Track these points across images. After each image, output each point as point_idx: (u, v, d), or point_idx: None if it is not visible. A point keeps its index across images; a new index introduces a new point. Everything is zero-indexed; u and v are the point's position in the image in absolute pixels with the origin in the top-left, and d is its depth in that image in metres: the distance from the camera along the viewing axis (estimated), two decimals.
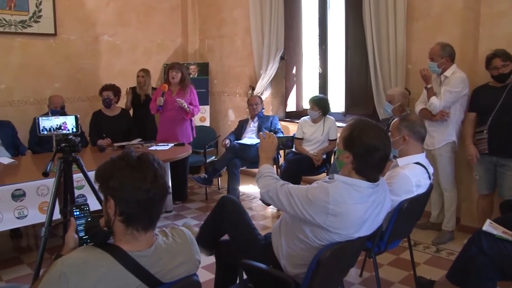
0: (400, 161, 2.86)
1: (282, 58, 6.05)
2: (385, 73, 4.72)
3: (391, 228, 2.69)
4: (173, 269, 1.60)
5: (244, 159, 5.13)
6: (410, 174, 2.71)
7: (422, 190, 2.77)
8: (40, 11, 5.75)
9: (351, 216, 2.04)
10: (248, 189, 5.83)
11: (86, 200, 3.67)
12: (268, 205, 5.00)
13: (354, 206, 2.04)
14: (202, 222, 2.84)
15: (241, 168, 5.18)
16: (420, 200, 2.83)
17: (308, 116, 5.09)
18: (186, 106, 5.00)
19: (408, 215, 2.76)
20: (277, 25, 5.88)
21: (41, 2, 5.74)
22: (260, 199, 5.11)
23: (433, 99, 3.83)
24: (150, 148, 4.70)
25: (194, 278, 1.69)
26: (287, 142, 2.75)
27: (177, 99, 5.00)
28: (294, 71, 6.27)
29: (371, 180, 2.10)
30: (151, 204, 1.53)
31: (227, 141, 5.34)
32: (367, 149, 2.04)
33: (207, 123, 6.76)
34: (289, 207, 2.14)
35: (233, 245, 2.65)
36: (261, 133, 2.58)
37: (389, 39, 4.63)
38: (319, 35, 5.78)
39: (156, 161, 1.57)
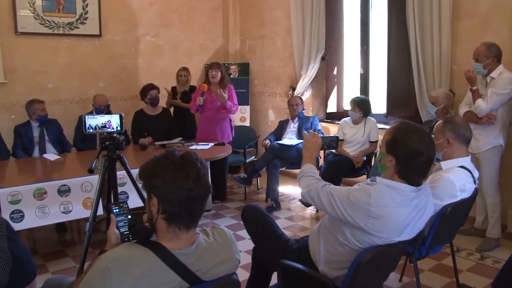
0: (444, 164, 2.78)
1: (323, 58, 6.00)
2: (429, 74, 4.61)
3: (433, 233, 2.62)
4: (213, 268, 1.62)
5: (283, 160, 5.12)
6: (454, 178, 2.63)
7: (466, 194, 2.69)
8: (86, 13, 5.93)
9: (392, 220, 2.01)
10: (287, 189, 5.81)
11: (127, 197, 3.76)
12: (308, 206, 4.98)
13: (396, 209, 2.01)
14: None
15: (280, 169, 5.17)
16: (464, 205, 2.74)
17: (349, 117, 5.04)
18: (225, 98, 5.01)
19: (451, 220, 2.68)
20: (318, 25, 5.84)
21: (87, 4, 5.91)
22: (299, 200, 5.09)
23: (479, 101, 3.69)
24: (190, 148, 4.75)
25: (234, 277, 1.70)
26: (331, 142, 2.71)
27: (219, 90, 5.01)
28: (335, 71, 6.21)
29: (414, 184, 2.06)
30: (193, 203, 1.54)
31: (267, 141, 5.34)
32: (411, 153, 2.00)
33: (247, 123, 6.78)
34: (330, 208, 2.12)
35: (263, 251, 2.66)
36: (305, 132, 2.57)
37: (433, 39, 4.52)
38: (360, 35, 5.70)
39: (199, 160, 1.58)
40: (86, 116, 2.99)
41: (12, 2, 5.42)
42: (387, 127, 4.60)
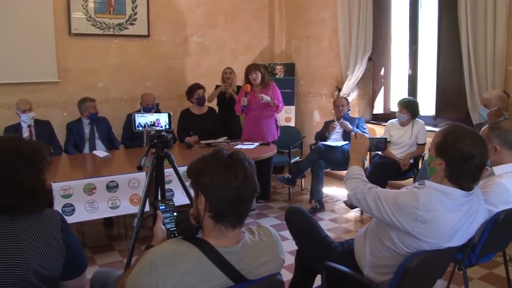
0: (497, 169, 2.66)
1: (370, 59, 5.91)
2: (481, 75, 4.45)
3: (484, 240, 2.52)
4: (258, 267, 1.62)
5: (329, 161, 5.07)
6: (509, 184, 2.52)
7: None
8: (135, 14, 6.09)
9: (441, 225, 1.95)
10: (332, 191, 5.76)
11: (173, 194, 3.82)
12: (352, 208, 4.91)
13: (446, 214, 1.95)
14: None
15: (325, 170, 5.12)
16: None
17: (396, 119, 4.94)
18: (270, 99, 5.02)
19: (505, 227, 2.57)
20: (365, 25, 5.76)
21: (136, 6, 6.07)
22: (344, 202, 5.03)
23: None
24: (235, 147, 4.77)
25: (278, 277, 1.70)
26: (379, 144, 2.65)
27: (259, 94, 5.02)
28: (382, 72, 6.10)
29: (465, 188, 1.99)
30: (240, 202, 1.55)
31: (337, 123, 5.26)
32: (461, 157, 1.93)
33: (292, 124, 6.76)
34: (377, 211, 2.09)
35: (307, 253, 2.64)
36: (353, 133, 2.53)
37: (486, 38, 4.35)
38: (409, 35, 5.57)
39: (246, 159, 1.59)
40: (136, 115, 3.05)
41: (66, 5, 5.64)
42: (436, 129, 4.48)
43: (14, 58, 5.35)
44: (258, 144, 4.94)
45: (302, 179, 5.80)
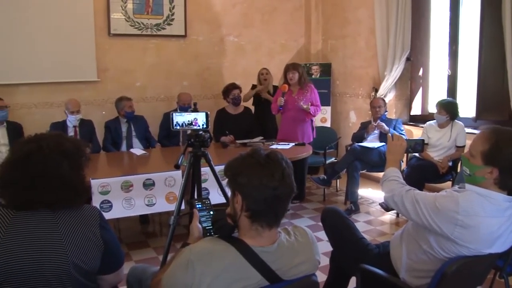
0: None
1: (408, 59, 5.79)
2: None
3: None
4: (293, 267, 1.61)
5: (364, 162, 5.00)
6: None
7: None
8: (173, 14, 6.16)
9: (482, 230, 1.90)
10: (367, 193, 5.68)
11: (208, 193, 3.85)
12: (388, 210, 4.83)
13: (487, 219, 1.90)
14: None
15: (361, 171, 5.06)
16: None
17: (434, 121, 4.83)
18: (308, 107, 5.00)
19: None
20: (404, 25, 5.64)
21: (174, 6, 6.14)
22: (380, 204, 4.95)
23: None
24: (271, 147, 4.77)
25: (313, 278, 1.69)
26: (416, 145, 2.59)
27: (300, 103, 5.01)
28: (420, 72, 5.97)
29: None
30: (277, 201, 1.55)
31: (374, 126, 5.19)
32: None
33: (327, 124, 6.71)
34: (414, 214, 2.05)
35: (342, 255, 2.61)
36: (390, 134, 2.49)
37: None
38: (449, 34, 5.42)
39: (284, 159, 1.59)
40: (174, 114, 3.09)
41: (106, 6, 5.77)
42: (476, 131, 4.35)
43: (56, 58, 5.52)
44: (293, 144, 4.92)
45: (337, 180, 5.75)
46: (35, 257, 1.57)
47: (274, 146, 4.79)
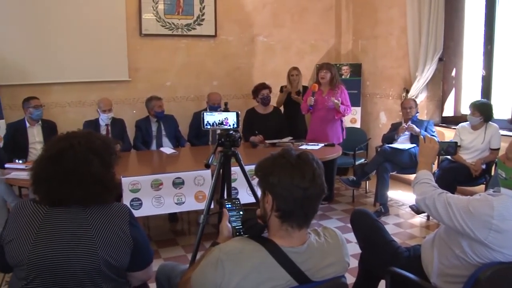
0: None
1: (440, 59, 5.69)
2: None
3: None
4: (322, 269, 1.60)
5: (395, 164, 4.92)
6: None
7: None
8: (203, 14, 6.21)
9: None
10: (397, 195, 5.60)
11: (237, 193, 3.86)
12: (418, 213, 4.74)
13: None
14: None
15: (391, 173, 4.98)
16: None
17: (467, 122, 4.72)
18: (337, 103, 4.96)
19: None
20: (436, 24, 5.54)
21: (204, 6, 6.19)
22: (410, 207, 4.87)
23: None
24: (300, 147, 4.74)
25: (342, 280, 1.68)
26: (449, 148, 2.55)
27: (332, 98, 4.98)
28: (453, 73, 5.85)
29: None
30: (307, 202, 1.54)
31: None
32: None
33: (357, 125, 6.65)
34: (447, 218, 2.01)
35: (371, 257, 2.58)
36: (422, 136, 2.45)
37: None
38: (484, 34, 5.28)
39: (315, 160, 1.58)
40: (205, 113, 3.10)
41: (138, 7, 5.86)
42: None
43: (89, 58, 5.64)
44: (323, 145, 4.89)
45: (367, 182, 5.68)
46: (67, 253, 1.61)
47: (303, 147, 4.77)
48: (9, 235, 1.67)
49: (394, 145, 5.08)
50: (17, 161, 4.18)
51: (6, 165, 4.17)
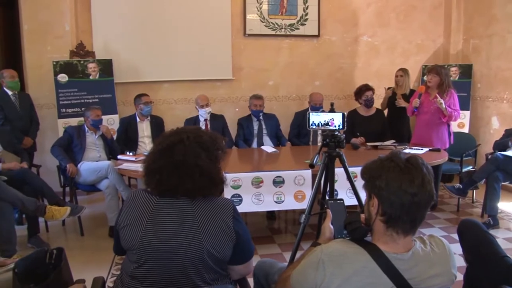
0: None
1: None
2: None
3: None
4: (427, 279, 1.53)
5: (507, 173, 4.56)
6: None
7: None
8: (306, 14, 6.23)
9: None
10: (509, 207, 5.20)
11: (337, 194, 3.81)
12: None
13: None
14: None
15: (502, 183, 4.63)
16: None
17: None
18: (444, 106, 4.71)
19: None
20: None
21: (307, 6, 6.21)
22: None
23: None
24: (403, 151, 4.57)
25: None
26: None
27: (437, 97, 4.74)
28: None
29: None
30: (415, 208, 1.48)
31: None
32: None
33: (465, 130, 6.26)
34: None
35: (480, 272, 2.40)
36: None
37: None
38: None
39: (425, 165, 1.52)
40: (311, 113, 3.10)
41: (243, 8, 6.03)
42: None
43: (195, 58, 5.92)
44: (427, 149, 4.67)
45: (474, 191, 5.33)
46: (174, 240, 1.70)
47: (406, 151, 4.58)
48: (124, 221, 1.80)
49: (508, 153, 4.70)
50: (128, 153, 4.58)
51: (119, 157, 4.57)
